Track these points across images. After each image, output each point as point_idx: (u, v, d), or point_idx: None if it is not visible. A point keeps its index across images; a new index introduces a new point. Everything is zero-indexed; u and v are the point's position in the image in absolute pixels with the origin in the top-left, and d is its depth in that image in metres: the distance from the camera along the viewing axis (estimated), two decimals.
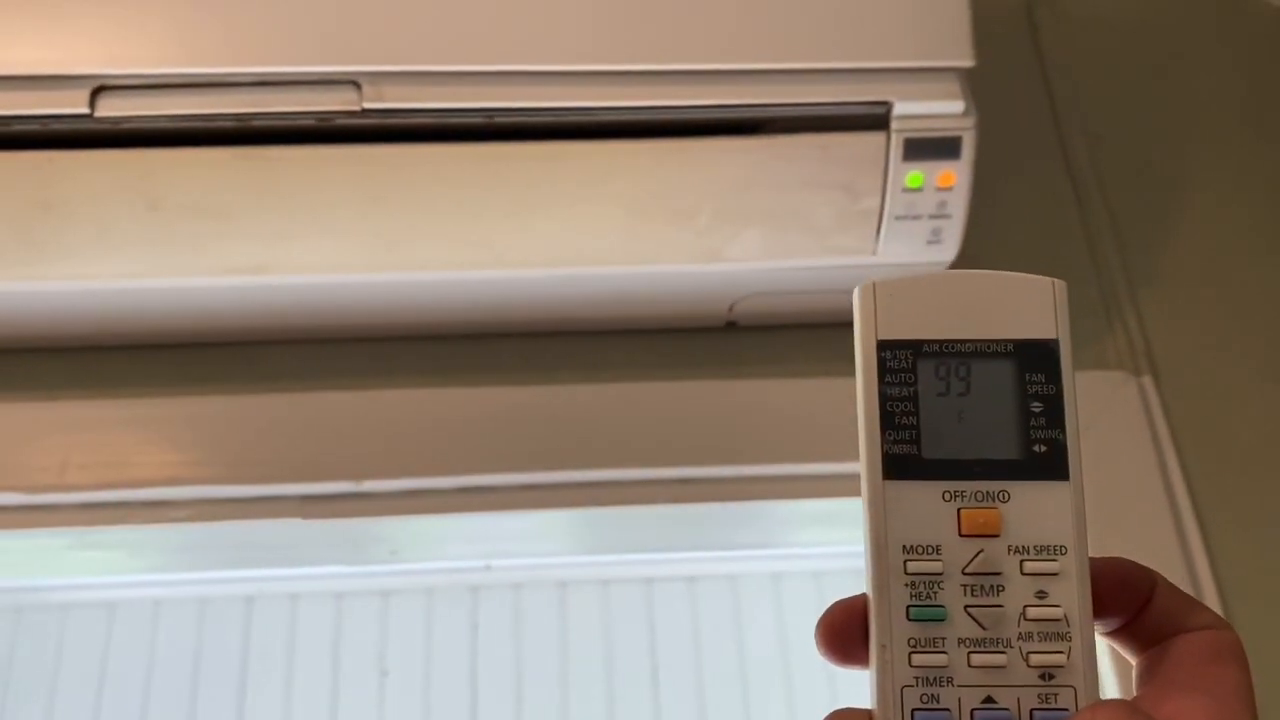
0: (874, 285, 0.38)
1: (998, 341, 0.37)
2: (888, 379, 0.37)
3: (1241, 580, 0.80)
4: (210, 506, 0.78)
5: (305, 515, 0.79)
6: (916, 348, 0.37)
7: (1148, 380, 0.87)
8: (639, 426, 0.83)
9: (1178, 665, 0.35)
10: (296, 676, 1.06)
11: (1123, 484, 0.82)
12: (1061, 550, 0.36)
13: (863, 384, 0.37)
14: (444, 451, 0.80)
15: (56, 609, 1.08)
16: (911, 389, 0.37)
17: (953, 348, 0.37)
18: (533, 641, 1.07)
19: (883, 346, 0.37)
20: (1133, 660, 0.37)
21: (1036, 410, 0.36)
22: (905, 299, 0.38)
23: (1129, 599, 0.37)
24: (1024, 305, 0.37)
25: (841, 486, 0.83)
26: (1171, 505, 0.82)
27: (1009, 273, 0.38)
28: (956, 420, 0.37)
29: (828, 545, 1.03)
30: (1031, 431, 0.36)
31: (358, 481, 0.79)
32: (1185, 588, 0.79)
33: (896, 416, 0.37)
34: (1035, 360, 0.37)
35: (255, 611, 1.08)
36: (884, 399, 0.37)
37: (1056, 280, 0.38)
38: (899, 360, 0.37)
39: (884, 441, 0.36)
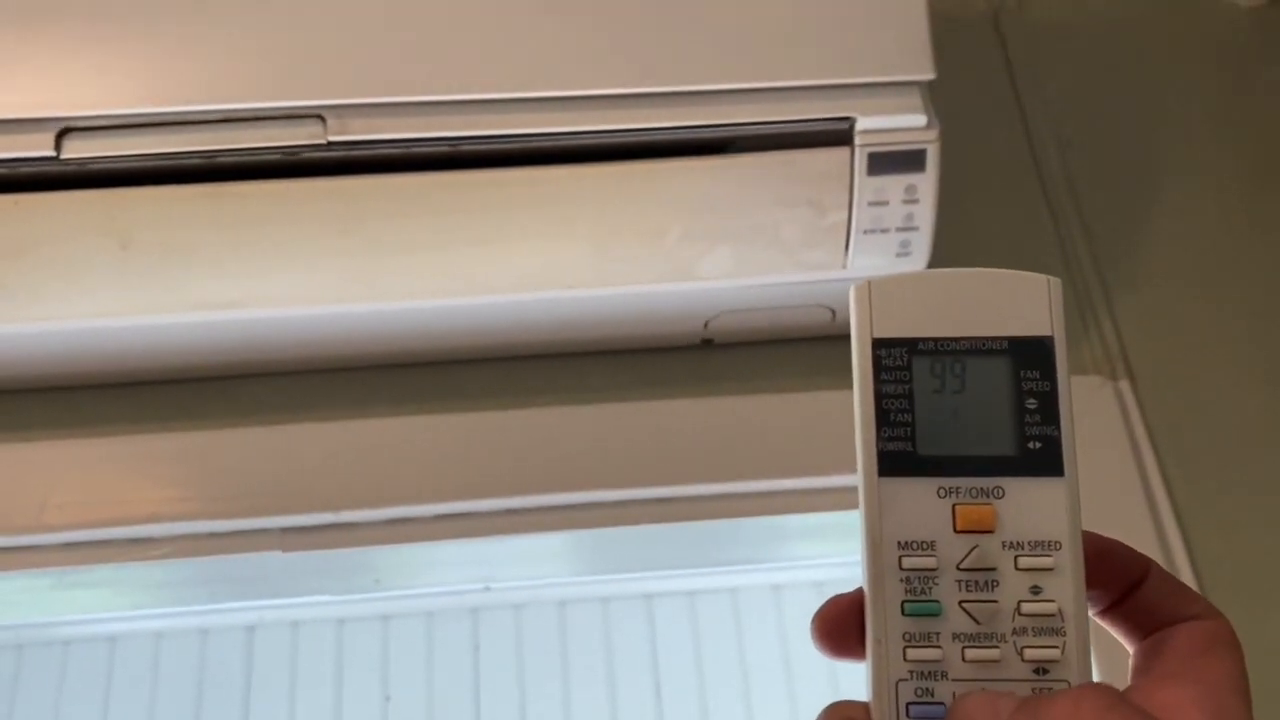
0: (869, 284, 0.38)
1: (993, 339, 0.37)
2: (883, 377, 0.37)
3: (1223, 582, 0.80)
4: (190, 542, 0.78)
5: (285, 548, 0.79)
6: (911, 345, 0.37)
7: (1125, 384, 0.87)
8: (620, 447, 0.83)
9: (1171, 656, 0.35)
10: (299, 704, 1.06)
11: (1102, 489, 0.82)
12: (1056, 546, 0.36)
13: (859, 382, 0.37)
14: (422, 479, 0.81)
15: (59, 643, 1.08)
16: (907, 386, 0.37)
17: (948, 345, 0.37)
18: (534, 660, 1.07)
19: (878, 345, 0.37)
20: (1129, 648, 0.37)
21: (1032, 407, 0.37)
22: (900, 297, 0.38)
23: (1114, 575, 0.37)
24: (1018, 302, 0.37)
25: (828, 500, 0.84)
26: (1151, 509, 0.82)
27: (1003, 270, 0.38)
28: (952, 417, 0.37)
29: (826, 559, 1.02)
30: (1027, 428, 0.37)
31: (336, 512, 0.79)
32: None
33: (892, 414, 0.37)
34: (1030, 357, 0.37)
35: (256, 640, 1.09)
36: (879, 397, 0.37)
37: (1051, 277, 0.38)
38: (894, 358, 0.37)
39: (879, 439, 0.37)
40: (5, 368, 0.81)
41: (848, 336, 0.92)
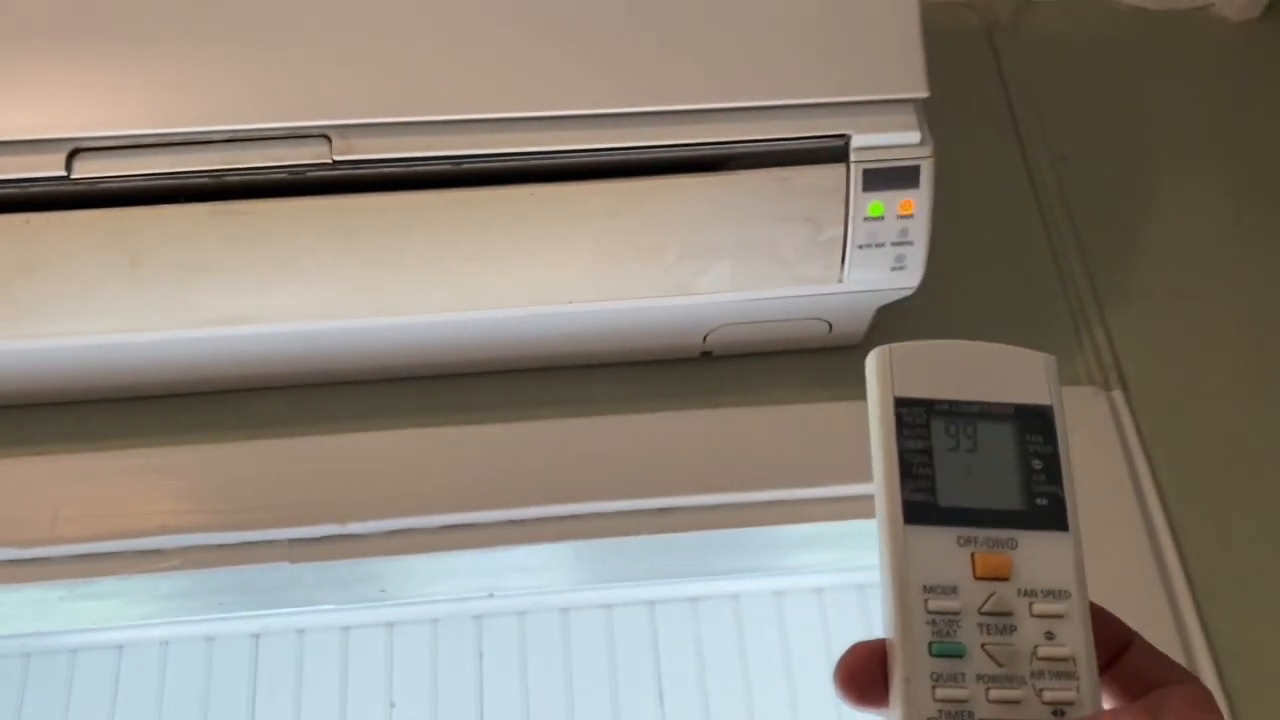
0: (890, 349, 0.41)
1: (1000, 405, 0.41)
2: (905, 433, 0.40)
3: (1216, 590, 0.81)
4: (199, 554, 0.79)
5: (293, 559, 0.80)
6: (929, 406, 0.41)
7: (1118, 394, 0.88)
8: (621, 458, 0.84)
9: (1174, 714, 0.37)
10: (304, 711, 1.07)
11: (1096, 498, 0.83)
12: (1065, 595, 0.39)
13: (881, 437, 0.40)
14: (427, 491, 0.82)
15: (65, 651, 1.09)
16: (926, 443, 0.40)
17: (961, 408, 0.41)
18: (538, 667, 1.08)
19: (900, 404, 0.41)
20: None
21: (1037, 467, 0.40)
22: (917, 363, 0.41)
23: (1103, 639, 0.39)
24: (1021, 374, 0.41)
25: (827, 510, 0.85)
26: (1145, 518, 0.83)
27: (1006, 346, 0.42)
28: (967, 473, 0.40)
29: (826, 567, 1.03)
30: (1034, 486, 0.40)
31: (343, 524, 0.80)
32: (1161, 600, 0.81)
33: (914, 467, 0.40)
34: (1033, 423, 0.41)
35: (262, 647, 1.09)
36: (902, 451, 0.40)
37: (1047, 355, 0.42)
38: (914, 416, 0.40)
39: (904, 489, 0.40)
40: (17, 383, 0.82)
41: (844, 349, 0.92)
